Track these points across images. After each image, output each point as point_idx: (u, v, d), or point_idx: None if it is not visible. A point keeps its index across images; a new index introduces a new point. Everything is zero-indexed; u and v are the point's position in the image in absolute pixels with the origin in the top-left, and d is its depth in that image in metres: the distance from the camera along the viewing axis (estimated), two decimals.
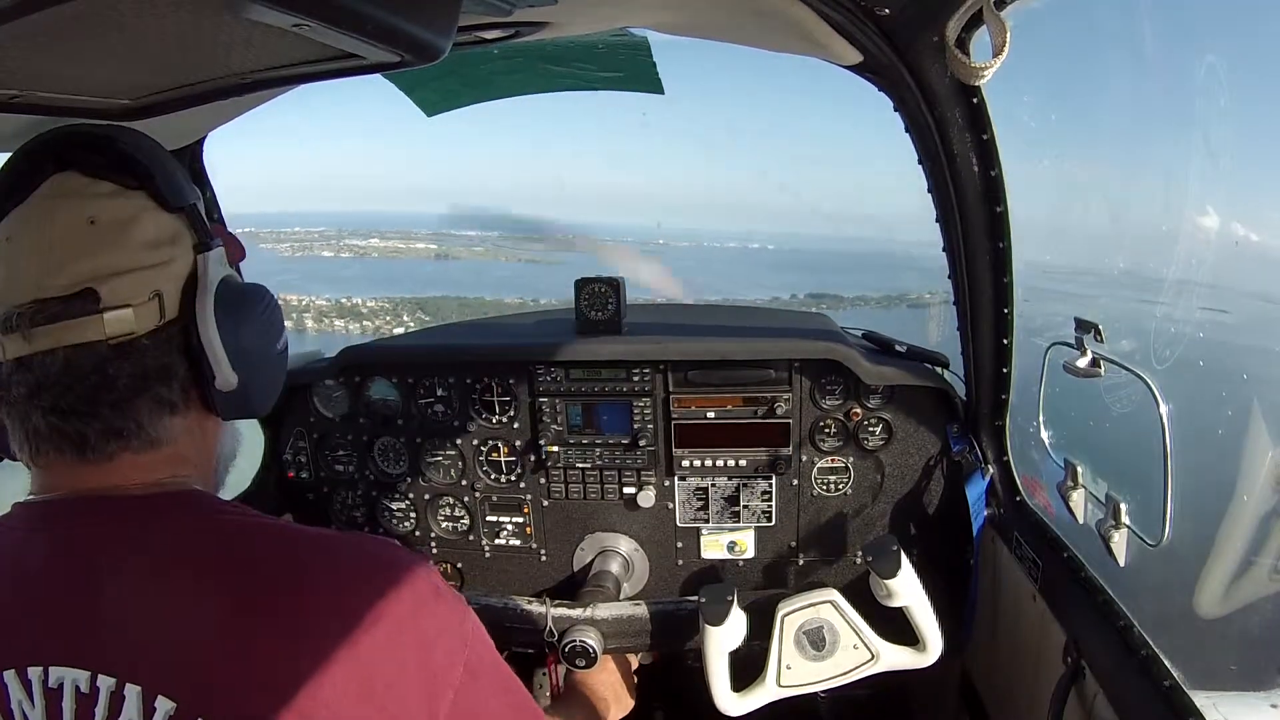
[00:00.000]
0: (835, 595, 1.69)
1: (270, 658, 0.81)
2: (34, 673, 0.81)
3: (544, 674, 1.97)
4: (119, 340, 0.87)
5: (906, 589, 1.64)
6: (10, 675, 0.81)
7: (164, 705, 0.78)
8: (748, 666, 1.74)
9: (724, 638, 1.70)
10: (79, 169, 0.89)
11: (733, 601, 1.70)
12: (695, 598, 1.91)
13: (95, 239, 0.87)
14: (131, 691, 0.79)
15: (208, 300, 0.92)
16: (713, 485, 2.20)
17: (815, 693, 1.74)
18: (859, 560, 2.20)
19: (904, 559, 1.64)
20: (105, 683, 0.79)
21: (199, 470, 0.98)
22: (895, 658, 1.70)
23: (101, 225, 0.87)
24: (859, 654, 1.69)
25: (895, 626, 1.70)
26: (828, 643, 1.69)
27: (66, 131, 0.95)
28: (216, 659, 0.80)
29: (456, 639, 0.92)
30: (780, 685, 1.70)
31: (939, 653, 1.69)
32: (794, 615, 1.69)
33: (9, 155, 0.93)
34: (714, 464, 2.18)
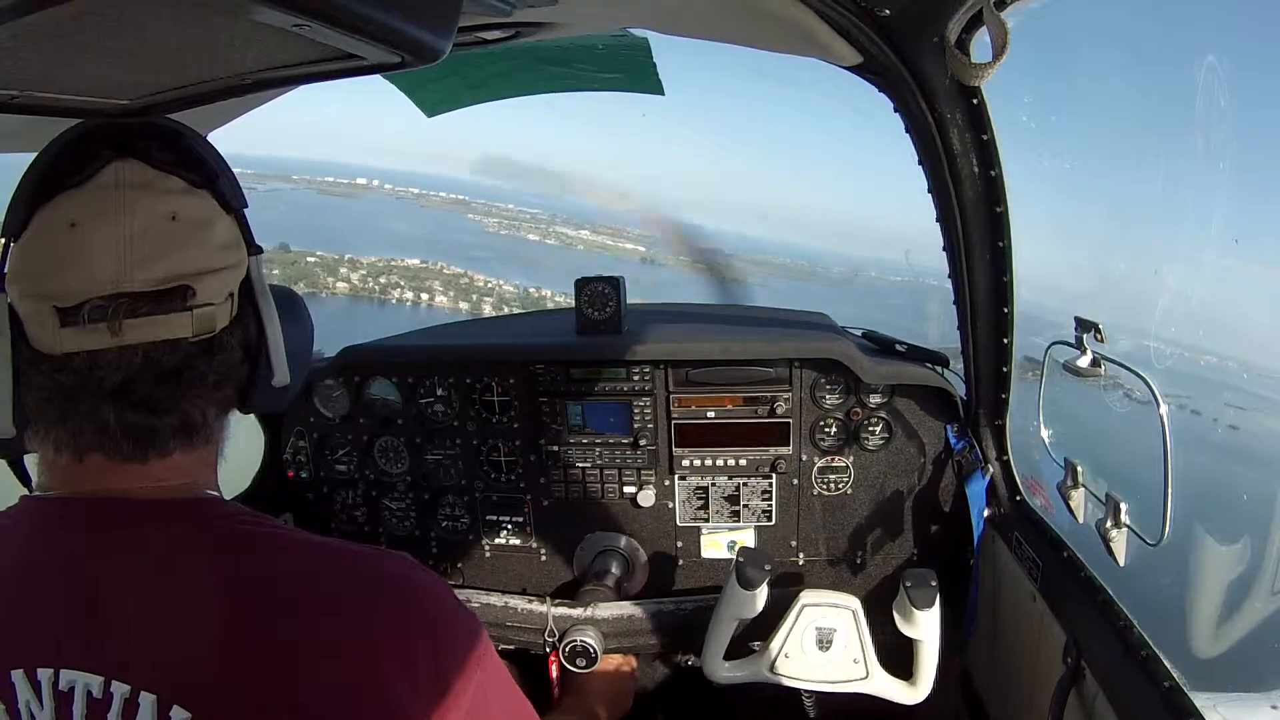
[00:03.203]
0: (858, 606, 1.69)
1: (286, 672, 0.80)
2: (44, 674, 0.80)
3: (544, 674, 1.97)
4: (202, 338, 0.88)
5: (928, 625, 1.65)
6: (18, 675, 0.80)
7: (179, 715, 0.78)
8: (735, 653, 1.74)
9: (744, 604, 1.69)
10: (146, 161, 0.88)
11: (769, 573, 1.70)
12: (695, 598, 1.91)
13: (180, 236, 0.86)
14: (146, 700, 0.78)
15: (269, 302, 0.94)
16: (713, 484, 2.20)
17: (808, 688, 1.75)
18: (860, 560, 2.21)
19: (938, 597, 1.64)
20: (119, 689, 0.79)
21: (214, 469, 0.99)
22: (885, 686, 1.71)
23: (184, 223, 0.87)
24: (855, 669, 1.70)
25: (888, 650, 1.70)
26: (833, 647, 1.69)
27: (128, 120, 0.94)
28: (232, 671, 0.80)
29: (470, 659, 0.92)
30: (771, 670, 1.70)
31: (925, 694, 1.69)
32: (814, 609, 1.69)
33: (47, 141, 0.91)
34: (714, 463, 2.18)
